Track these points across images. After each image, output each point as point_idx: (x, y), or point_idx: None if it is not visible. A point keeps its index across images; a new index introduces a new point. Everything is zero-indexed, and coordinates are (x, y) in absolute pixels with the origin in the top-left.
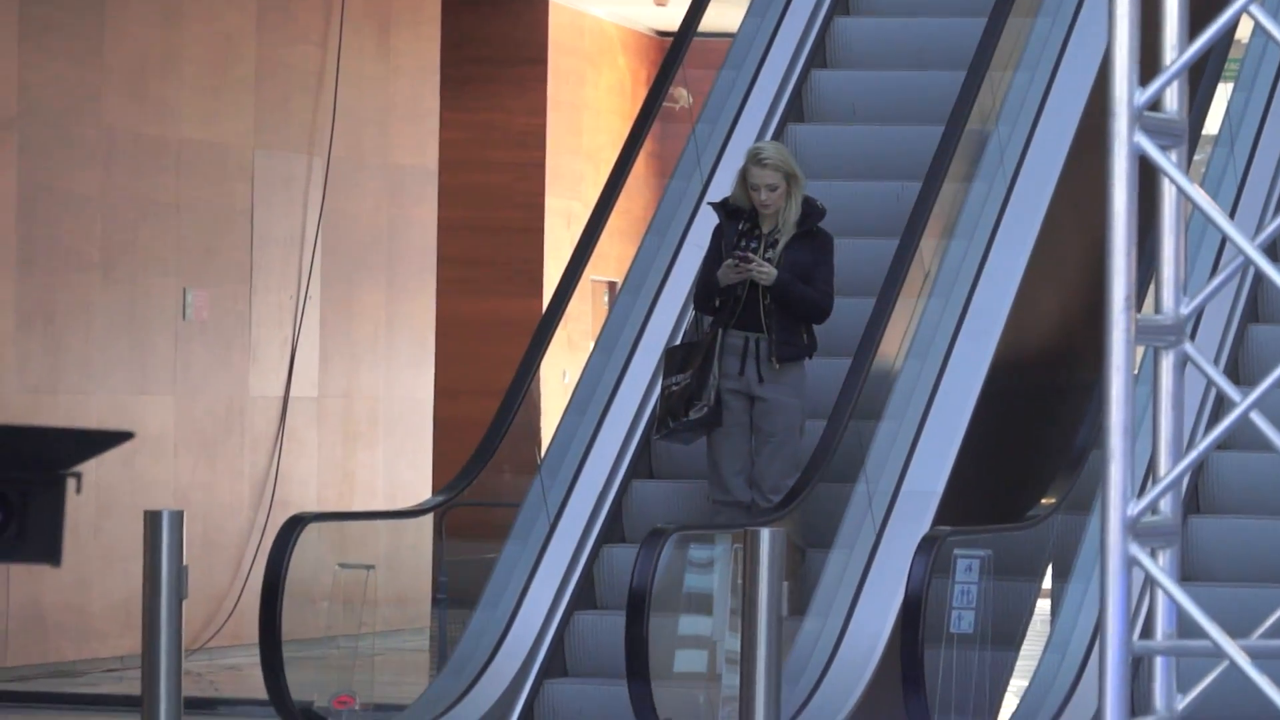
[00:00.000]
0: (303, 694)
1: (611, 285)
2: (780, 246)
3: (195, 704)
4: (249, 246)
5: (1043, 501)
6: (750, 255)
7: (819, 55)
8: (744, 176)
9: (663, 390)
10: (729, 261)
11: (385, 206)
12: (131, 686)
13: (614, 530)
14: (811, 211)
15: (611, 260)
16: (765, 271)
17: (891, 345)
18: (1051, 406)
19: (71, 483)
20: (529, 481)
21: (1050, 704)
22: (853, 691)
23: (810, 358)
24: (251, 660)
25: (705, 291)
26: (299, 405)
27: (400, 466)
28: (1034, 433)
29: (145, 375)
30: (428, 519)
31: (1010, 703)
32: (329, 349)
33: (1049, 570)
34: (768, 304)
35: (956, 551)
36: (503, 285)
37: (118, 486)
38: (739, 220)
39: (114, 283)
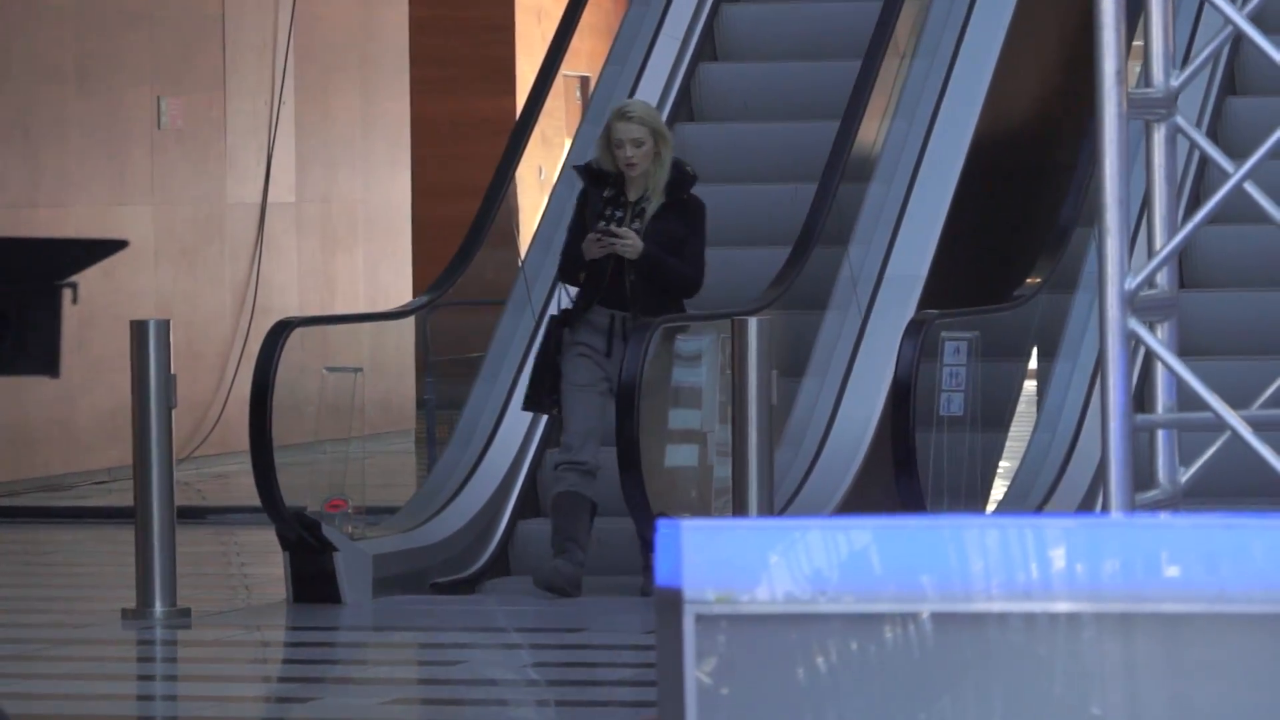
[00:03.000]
0: (294, 499)
1: (584, 80)
2: (648, 215)
3: (186, 513)
4: (221, 52)
5: (1027, 281)
6: (614, 230)
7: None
8: (608, 134)
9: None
10: (592, 235)
11: (356, 8)
12: (121, 498)
13: None
14: (682, 178)
15: (583, 56)
16: (630, 244)
17: (871, 120)
18: (1032, 187)
19: (67, 293)
20: (511, 281)
21: (1041, 483)
22: (844, 477)
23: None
24: (239, 468)
25: (569, 264)
26: (277, 211)
27: (381, 270)
28: (1016, 213)
29: (123, 186)
30: (410, 322)
31: (1001, 484)
32: (305, 154)
33: (1034, 351)
34: (633, 279)
35: (944, 334)
36: (476, 84)
37: (99, 298)
38: (604, 187)
39: (89, 94)
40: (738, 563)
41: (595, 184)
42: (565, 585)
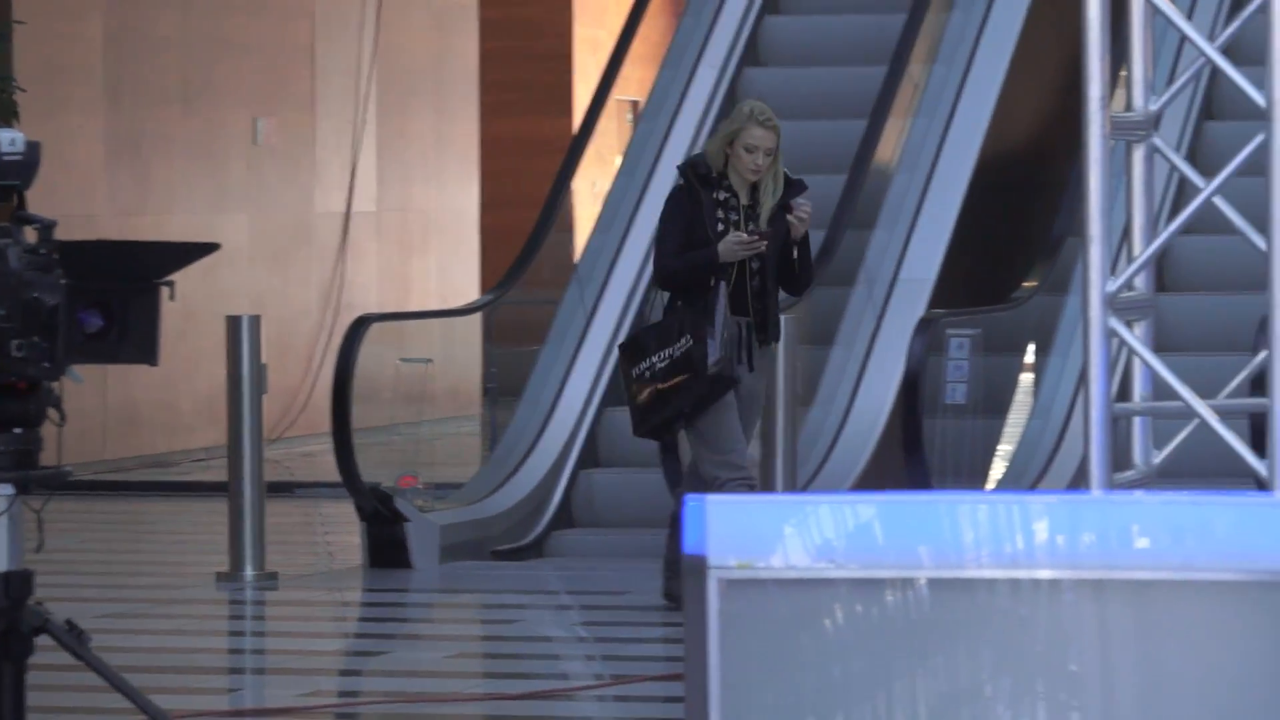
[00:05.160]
0: (370, 476)
1: (634, 104)
2: (763, 220)
3: (275, 488)
4: (311, 78)
5: (1024, 285)
6: (769, 232)
7: None
8: (733, 138)
9: (635, 377)
10: (736, 236)
11: (433, 39)
12: (218, 474)
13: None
14: (792, 182)
15: (634, 82)
16: (804, 216)
17: (885, 155)
18: (1030, 199)
19: (165, 291)
20: (567, 281)
21: (1035, 465)
22: (860, 458)
23: None
24: (323, 448)
25: (691, 269)
26: (360, 219)
27: (451, 272)
28: (1015, 223)
29: (222, 195)
30: (477, 317)
31: (1000, 465)
32: (385, 168)
33: (1030, 347)
34: (756, 285)
35: (949, 331)
36: (538, 107)
37: (200, 295)
38: (712, 188)
39: (192, 114)
40: (757, 534)
41: (704, 185)
42: None
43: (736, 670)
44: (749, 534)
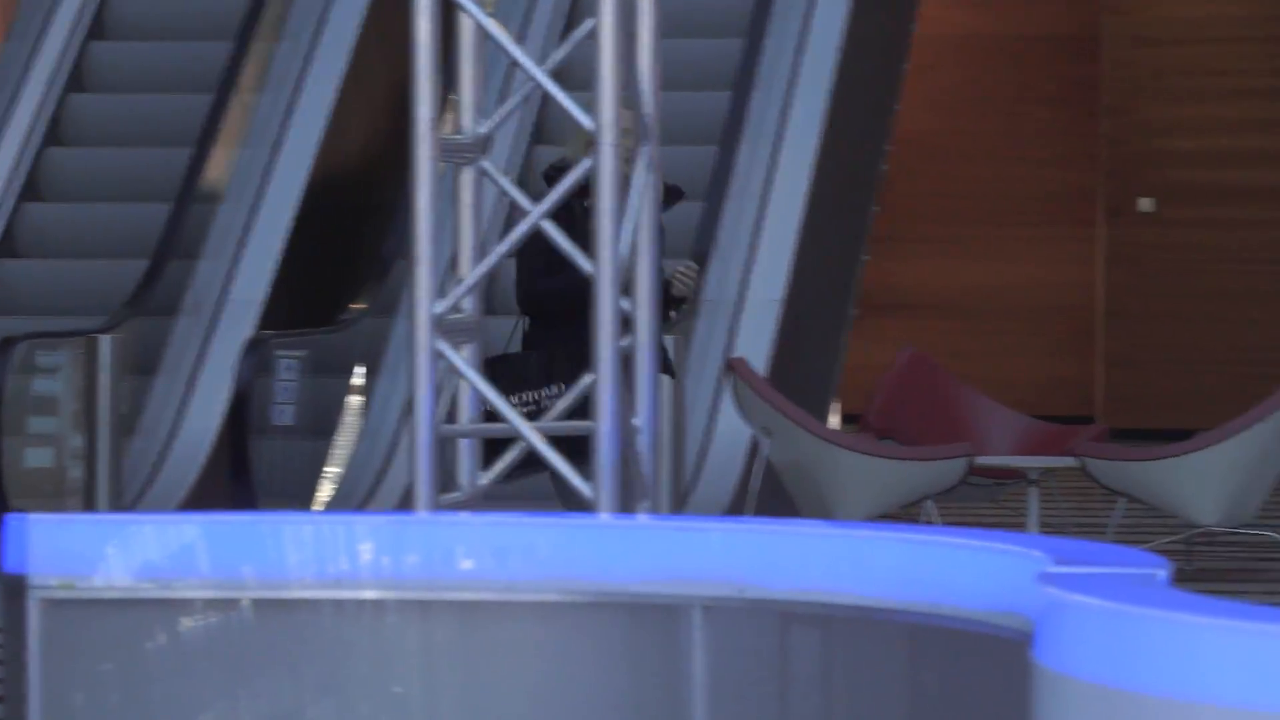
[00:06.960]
0: None
1: None
2: None
3: None
4: None
5: (352, 307)
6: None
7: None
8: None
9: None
10: (685, 268)
11: None
12: None
13: None
14: (670, 188)
15: None
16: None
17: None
18: (362, 222)
19: None
20: None
21: (363, 486)
22: (186, 480)
23: None
24: None
25: (569, 289)
26: None
27: None
28: (346, 246)
29: None
30: None
31: (327, 488)
32: None
33: (359, 369)
34: None
35: (278, 353)
36: None
37: None
38: (580, 195)
39: None
40: (79, 553)
41: (574, 193)
42: None
43: (58, 691)
44: (71, 553)
